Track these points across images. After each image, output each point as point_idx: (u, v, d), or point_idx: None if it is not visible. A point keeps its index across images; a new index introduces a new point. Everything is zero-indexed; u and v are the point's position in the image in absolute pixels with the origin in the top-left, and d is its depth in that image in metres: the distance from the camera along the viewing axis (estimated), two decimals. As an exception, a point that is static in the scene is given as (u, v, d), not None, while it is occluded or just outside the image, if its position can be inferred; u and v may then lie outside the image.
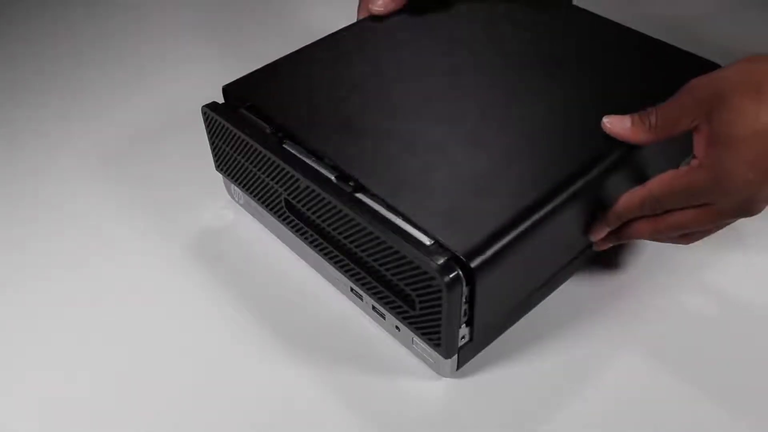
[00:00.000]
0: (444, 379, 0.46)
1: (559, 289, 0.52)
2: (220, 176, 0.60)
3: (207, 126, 0.56)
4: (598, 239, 0.49)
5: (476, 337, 0.44)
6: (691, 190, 0.42)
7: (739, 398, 0.44)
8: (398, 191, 0.44)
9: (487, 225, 0.42)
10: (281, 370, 0.47)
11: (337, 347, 0.49)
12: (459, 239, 0.41)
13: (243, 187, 0.56)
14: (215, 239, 0.58)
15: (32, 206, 0.63)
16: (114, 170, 0.67)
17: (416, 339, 0.46)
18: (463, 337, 0.44)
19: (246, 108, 0.53)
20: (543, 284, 0.50)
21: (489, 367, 0.47)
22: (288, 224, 0.52)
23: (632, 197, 0.45)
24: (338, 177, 0.46)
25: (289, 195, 0.50)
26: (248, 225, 0.59)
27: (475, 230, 0.41)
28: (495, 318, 0.47)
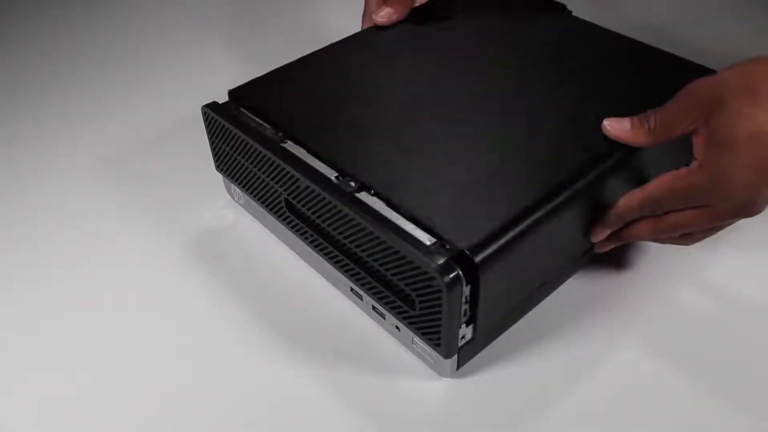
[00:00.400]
0: (444, 379, 0.46)
1: (559, 289, 0.52)
2: (220, 176, 0.60)
3: (207, 126, 0.56)
4: (599, 241, 0.49)
5: (477, 337, 0.44)
6: (691, 192, 0.42)
7: (740, 397, 0.44)
8: (400, 189, 0.45)
9: (491, 221, 0.42)
10: (281, 370, 0.47)
11: (337, 347, 0.49)
12: (462, 235, 0.41)
13: (243, 187, 0.56)
14: (215, 239, 0.58)
15: (32, 206, 0.63)
16: (114, 170, 0.67)
17: (416, 339, 0.46)
18: (463, 337, 0.44)
19: (246, 108, 0.53)
20: (544, 283, 0.50)
21: (489, 367, 0.47)
22: (288, 224, 0.52)
23: (632, 198, 0.45)
24: (338, 177, 0.46)
25: (289, 195, 0.50)
26: (248, 225, 0.59)
27: (479, 226, 0.41)
28: (496, 316, 0.47)
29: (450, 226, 0.41)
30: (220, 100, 0.55)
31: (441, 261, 0.39)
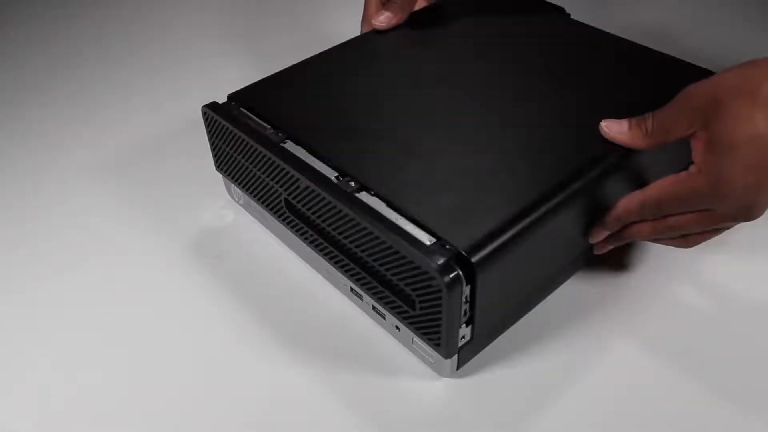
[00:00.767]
0: (444, 379, 0.46)
1: (559, 289, 0.52)
2: (220, 176, 0.60)
3: (207, 126, 0.56)
4: (598, 242, 0.49)
5: (476, 337, 0.44)
6: (691, 196, 0.42)
7: (740, 397, 0.44)
8: (399, 190, 0.45)
9: (489, 222, 0.42)
10: (281, 370, 0.47)
11: (337, 347, 0.49)
12: (460, 235, 0.41)
13: (243, 187, 0.56)
14: (215, 239, 0.58)
15: (32, 206, 0.63)
16: (114, 170, 0.67)
17: (416, 339, 0.46)
18: (463, 337, 0.44)
19: (246, 108, 0.53)
20: (543, 283, 0.50)
21: (489, 367, 0.47)
22: (288, 224, 0.52)
23: (631, 201, 0.45)
24: (338, 177, 0.46)
25: (289, 195, 0.50)
26: (248, 225, 0.59)
27: (477, 227, 0.41)
28: (495, 317, 0.47)
29: (450, 227, 0.41)
30: (221, 101, 0.55)
31: (441, 261, 0.39)
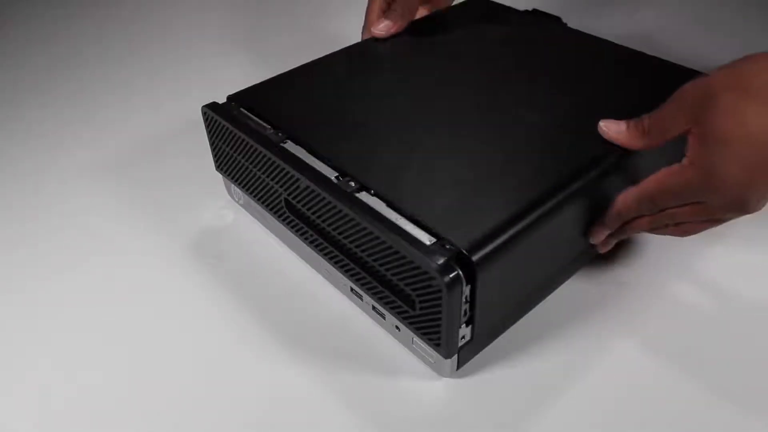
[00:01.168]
0: (444, 379, 0.46)
1: (559, 289, 0.52)
2: (220, 176, 0.60)
3: (207, 126, 0.56)
4: (598, 241, 0.49)
5: (476, 337, 0.44)
6: (683, 189, 0.43)
7: (740, 397, 0.44)
8: (399, 190, 0.45)
9: (489, 222, 0.42)
10: (281, 370, 0.47)
11: (337, 347, 0.49)
12: (460, 235, 0.41)
13: (243, 187, 0.56)
14: (215, 239, 0.58)
15: (32, 206, 0.63)
16: (114, 170, 0.67)
17: (416, 339, 0.46)
18: (463, 337, 0.44)
19: (246, 108, 0.53)
20: (543, 283, 0.50)
21: (489, 367, 0.47)
22: (288, 224, 0.52)
23: (627, 198, 0.46)
24: (338, 177, 0.46)
25: (289, 195, 0.50)
26: (248, 225, 0.59)
27: (477, 226, 0.41)
28: (495, 317, 0.47)
29: (450, 226, 0.41)
30: (221, 101, 0.55)
31: (441, 261, 0.39)
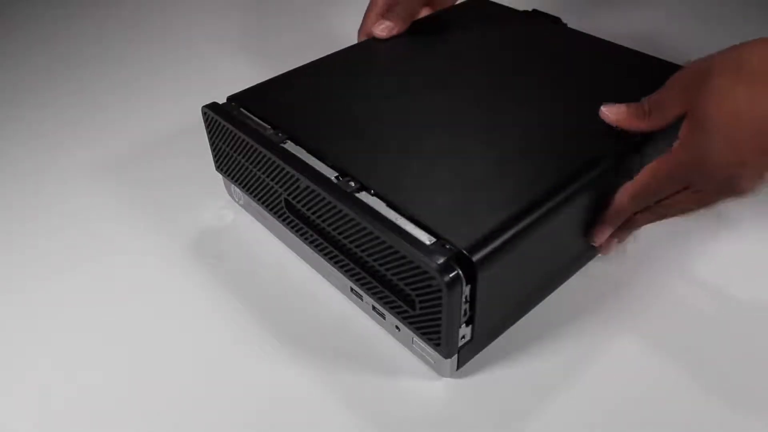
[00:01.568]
0: (444, 379, 0.46)
1: (559, 289, 0.52)
2: (220, 176, 0.60)
3: (207, 126, 0.56)
4: (601, 241, 0.49)
5: (476, 337, 0.44)
6: (675, 172, 0.43)
7: (740, 396, 0.44)
8: (399, 190, 0.45)
9: (489, 221, 0.42)
10: (281, 370, 0.47)
11: (337, 347, 0.49)
12: (460, 234, 0.41)
13: (243, 187, 0.56)
14: (215, 239, 0.58)
15: (32, 206, 0.63)
16: (114, 170, 0.67)
17: (416, 339, 0.46)
18: (463, 337, 0.44)
19: (246, 108, 0.53)
20: (543, 283, 0.50)
21: (489, 367, 0.47)
22: (288, 224, 0.52)
23: (624, 194, 0.46)
24: (338, 177, 0.46)
25: (289, 195, 0.50)
26: (248, 225, 0.59)
27: (477, 226, 0.41)
28: (496, 317, 0.47)
29: (449, 226, 0.41)
30: (221, 101, 0.55)
31: (441, 261, 0.39)
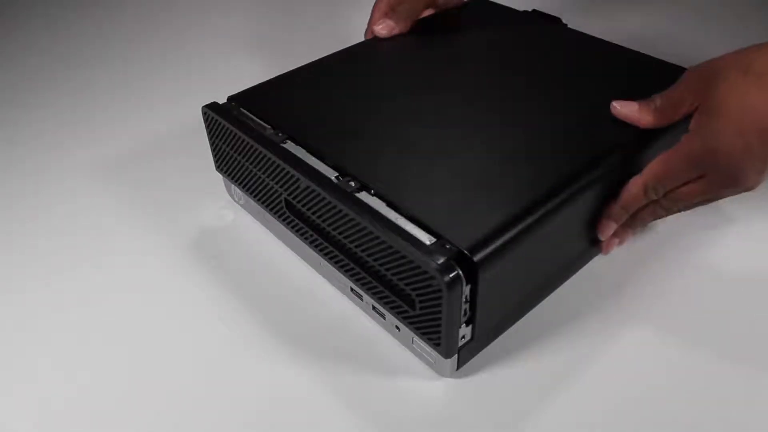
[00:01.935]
0: (444, 379, 0.46)
1: (560, 289, 0.52)
2: (220, 176, 0.60)
3: (207, 126, 0.56)
4: (607, 236, 0.50)
5: (476, 337, 0.44)
6: (685, 161, 0.44)
7: (741, 396, 0.44)
8: (399, 189, 0.45)
9: (490, 221, 0.42)
10: (281, 370, 0.47)
11: (337, 347, 0.49)
12: (461, 234, 0.41)
13: (243, 187, 0.56)
14: (215, 239, 0.58)
15: (32, 206, 0.63)
16: (114, 170, 0.67)
17: (416, 339, 0.46)
18: (463, 337, 0.44)
19: (246, 108, 0.53)
20: (543, 283, 0.50)
21: (489, 367, 0.47)
22: (288, 224, 0.52)
23: (633, 186, 0.47)
24: (338, 177, 0.46)
25: (289, 195, 0.50)
26: (248, 225, 0.59)
27: (477, 226, 0.41)
28: (496, 317, 0.47)
29: (450, 226, 0.42)
30: (221, 101, 0.55)
31: (441, 260, 0.39)
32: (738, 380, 0.45)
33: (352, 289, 0.50)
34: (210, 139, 0.56)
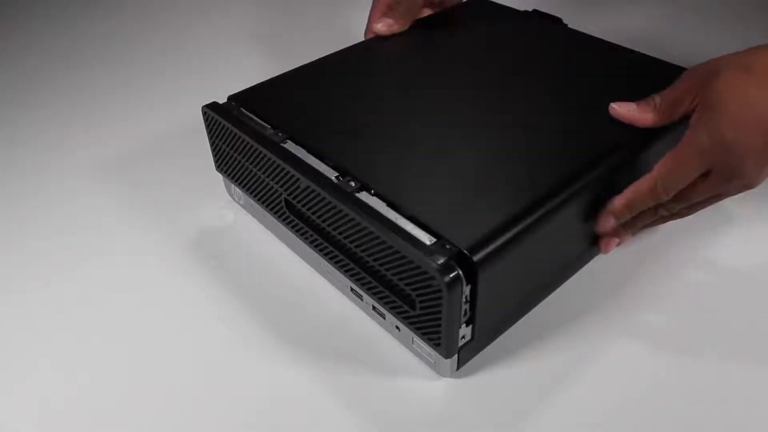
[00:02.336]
0: (444, 379, 0.46)
1: (559, 289, 0.52)
2: (220, 176, 0.60)
3: (207, 126, 0.56)
4: (605, 239, 0.49)
5: (476, 337, 0.44)
6: (697, 153, 0.44)
7: (741, 396, 0.44)
8: (399, 189, 0.45)
9: (490, 221, 0.42)
10: (281, 370, 0.47)
11: (337, 347, 0.49)
12: (461, 234, 0.41)
13: (243, 187, 0.56)
14: (215, 239, 0.58)
15: (32, 206, 0.63)
16: (114, 170, 0.67)
17: (416, 339, 0.46)
18: (463, 337, 0.44)
19: (246, 108, 0.53)
20: (543, 283, 0.50)
21: (489, 367, 0.47)
22: (288, 224, 0.52)
23: (641, 185, 0.46)
24: (338, 177, 0.46)
25: (289, 195, 0.50)
26: (248, 225, 0.59)
27: (477, 226, 0.41)
28: (496, 317, 0.47)
29: (450, 226, 0.42)
30: (221, 101, 0.55)
31: (441, 261, 0.39)
32: (738, 380, 0.45)
33: (352, 289, 0.50)
34: (210, 139, 0.56)
